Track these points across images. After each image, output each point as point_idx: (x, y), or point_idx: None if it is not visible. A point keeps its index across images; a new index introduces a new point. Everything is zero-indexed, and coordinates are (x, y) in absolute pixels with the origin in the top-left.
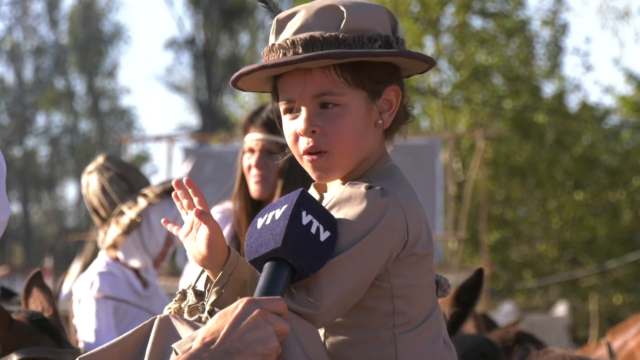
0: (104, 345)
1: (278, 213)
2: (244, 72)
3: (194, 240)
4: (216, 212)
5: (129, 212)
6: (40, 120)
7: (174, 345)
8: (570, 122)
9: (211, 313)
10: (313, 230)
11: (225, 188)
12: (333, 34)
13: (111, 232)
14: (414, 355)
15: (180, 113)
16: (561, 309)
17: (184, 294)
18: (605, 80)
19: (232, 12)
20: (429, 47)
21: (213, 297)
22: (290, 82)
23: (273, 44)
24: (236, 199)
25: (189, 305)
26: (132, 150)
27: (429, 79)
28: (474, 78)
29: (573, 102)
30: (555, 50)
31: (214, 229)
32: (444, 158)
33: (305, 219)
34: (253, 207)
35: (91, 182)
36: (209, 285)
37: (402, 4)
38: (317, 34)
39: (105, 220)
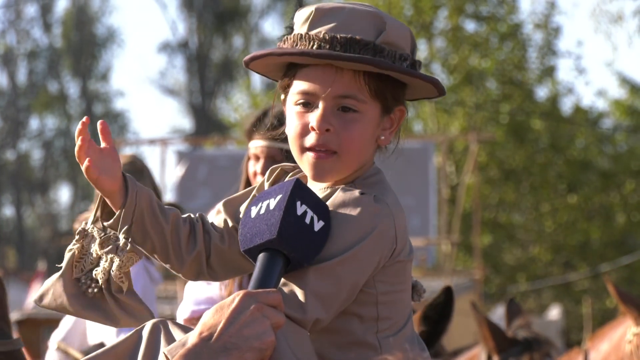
0: (98, 352)
1: (272, 203)
2: (275, 53)
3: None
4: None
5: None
6: (34, 123)
7: (164, 350)
8: (564, 125)
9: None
10: (307, 220)
11: (231, 191)
12: (371, 40)
13: None
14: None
15: (174, 116)
16: (555, 313)
17: (84, 231)
18: (598, 84)
19: (225, 16)
20: (422, 51)
21: (126, 225)
22: (317, 76)
23: (307, 33)
24: None
25: (100, 239)
26: (126, 153)
27: None
28: (468, 81)
29: (566, 105)
30: (548, 53)
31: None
32: (438, 161)
33: (300, 209)
34: None
35: None
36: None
37: (395, 7)
38: (357, 36)
39: None
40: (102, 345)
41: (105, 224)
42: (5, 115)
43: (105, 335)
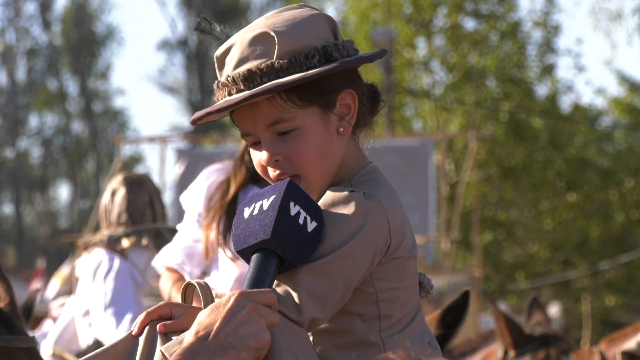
0: (96, 351)
1: (266, 203)
2: (195, 118)
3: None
4: (214, 168)
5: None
6: (33, 121)
7: (161, 348)
8: (563, 123)
9: None
10: (301, 221)
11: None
12: (269, 62)
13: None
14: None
15: (173, 114)
16: (554, 311)
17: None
18: (598, 82)
19: (224, 14)
20: (421, 49)
21: None
22: (241, 117)
23: (218, 82)
24: (240, 164)
25: None
26: (125, 151)
27: (421, 80)
28: (467, 79)
29: (566, 103)
30: (548, 51)
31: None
32: (437, 159)
33: (294, 209)
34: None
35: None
36: None
37: (395, 6)
38: (253, 66)
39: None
40: (97, 343)
41: None
42: (5, 113)
43: (101, 334)
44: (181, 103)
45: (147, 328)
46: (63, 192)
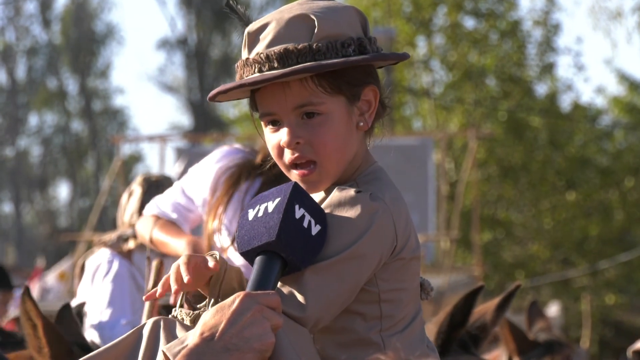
0: (99, 350)
1: (271, 206)
2: (221, 91)
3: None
4: (227, 150)
5: None
6: (33, 120)
7: (163, 348)
8: (563, 122)
9: None
10: (305, 224)
11: None
12: (306, 44)
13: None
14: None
15: (173, 113)
16: (553, 310)
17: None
18: (597, 81)
19: (224, 12)
20: (421, 48)
21: (213, 298)
22: (268, 96)
23: (247, 58)
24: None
25: (191, 317)
26: (125, 150)
27: (421, 79)
28: (467, 78)
29: (565, 102)
30: (548, 50)
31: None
32: (437, 158)
33: (298, 212)
34: None
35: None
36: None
37: (395, 4)
38: (290, 46)
39: None
40: (93, 344)
41: (198, 306)
42: (5, 112)
43: (96, 337)
44: (181, 102)
45: (149, 327)
46: (62, 191)
